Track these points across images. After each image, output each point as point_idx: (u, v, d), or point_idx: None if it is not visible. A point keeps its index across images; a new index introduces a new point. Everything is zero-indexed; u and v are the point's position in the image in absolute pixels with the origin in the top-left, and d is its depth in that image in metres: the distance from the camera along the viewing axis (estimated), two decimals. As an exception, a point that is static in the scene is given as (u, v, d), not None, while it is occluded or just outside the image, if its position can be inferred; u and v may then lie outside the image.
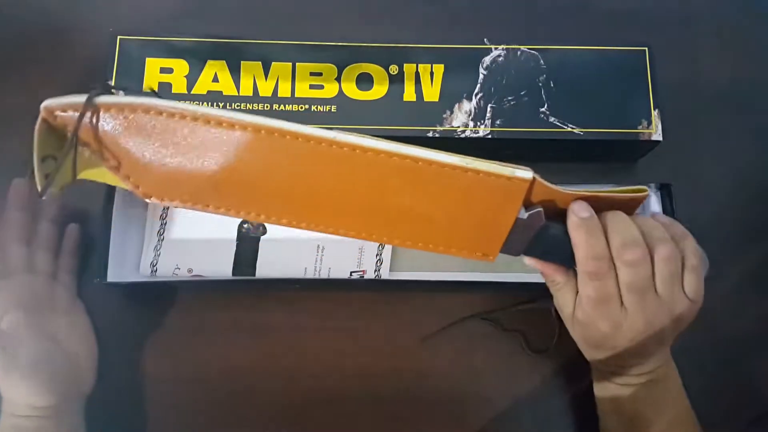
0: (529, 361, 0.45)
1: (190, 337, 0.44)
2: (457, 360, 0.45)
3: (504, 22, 0.54)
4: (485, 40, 0.46)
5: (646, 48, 0.46)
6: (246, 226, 0.43)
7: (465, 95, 0.45)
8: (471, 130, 0.44)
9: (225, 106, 0.44)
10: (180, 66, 0.44)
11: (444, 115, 0.44)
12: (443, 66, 0.45)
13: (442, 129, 0.44)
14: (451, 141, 0.44)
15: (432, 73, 0.45)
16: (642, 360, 0.36)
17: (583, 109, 0.44)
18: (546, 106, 0.44)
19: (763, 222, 0.49)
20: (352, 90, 0.44)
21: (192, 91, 0.44)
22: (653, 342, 0.34)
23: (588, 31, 0.51)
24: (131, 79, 0.43)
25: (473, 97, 0.44)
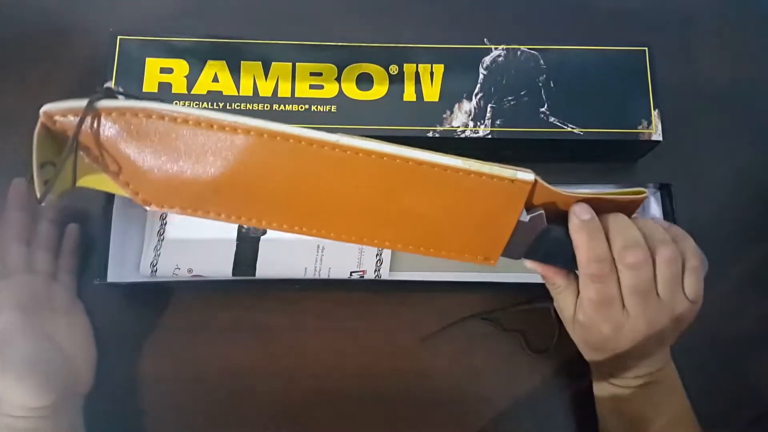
0: (529, 361, 0.45)
1: (190, 337, 0.44)
2: (457, 360, 0.45)
3: (504, 22, 0.54)
4: (485, 40, 0.46)
5: (646, 48, 0.46)
6: (246, 226, 0.43)
7: (465, 95, 0.45)
8: (471, 130, 0.44)
9: (225, 106, 0.44)
10: (180, 66, 0.44)
11: (444, 115, 0.44)
12: (443, 66, 0.45)
13: (442, 129, 0.44)
14: (451, 141, 0.44)
15: (432, 73, 0.45)
16: (642, 361, 0.36)
17: (583, 109, 0.44)
18: (546, 106, 0.44)
19: (763, 222, 0.49)
20: (352, 90, 0.44)
21: (192, 91, 0.44)
22: (654, 343, 0.34)
23: (588, 31, 0.51)
24: (131, 79, 0.43)
25: (473, 97, 0.44)
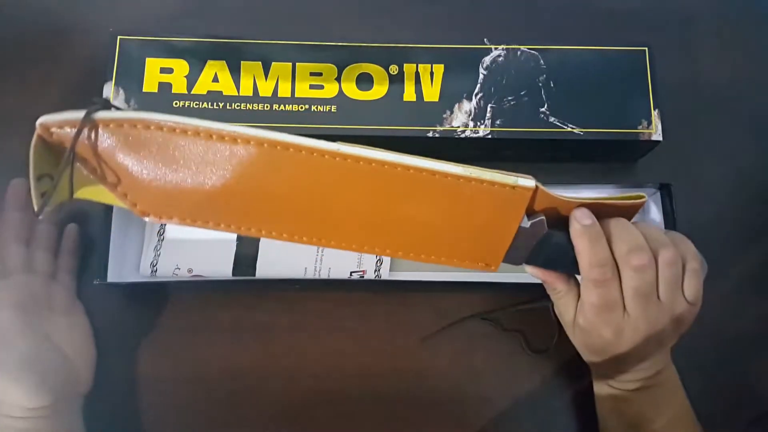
0: (529, 361, 0.45)
1: (190, 337, 0.44)
2: (457, 360, 0.45)
3: (504, 22, 0.54)
4: (485, 40, 0.46)
5: (646, 48, 0.46)
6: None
7: (465, 95, 0.44)
8: (471, 130, 0.44)
9: (225, 106, 0.44)
10: (180, 66, 0.44)
11: (444, 115, 0.44)
12: (443, 66, 0.45)
13: (442, 129, 0.44)
14: (451, 141, 0.44)
15: (432, 73, 0.45)
16: (642, 364, 0.36)
17: (583, 109, 0.44)
18: (546, 106, 0.44)
19: (763, 222, 0.49)
20: (352, 90, 0.44)
21: (192, 91, 0.44)
22: (654, 346, 0.35)
23: (588, 31, 0.52)
24: (131, 79, 0.43)
25: (473, 97, 0.44)
